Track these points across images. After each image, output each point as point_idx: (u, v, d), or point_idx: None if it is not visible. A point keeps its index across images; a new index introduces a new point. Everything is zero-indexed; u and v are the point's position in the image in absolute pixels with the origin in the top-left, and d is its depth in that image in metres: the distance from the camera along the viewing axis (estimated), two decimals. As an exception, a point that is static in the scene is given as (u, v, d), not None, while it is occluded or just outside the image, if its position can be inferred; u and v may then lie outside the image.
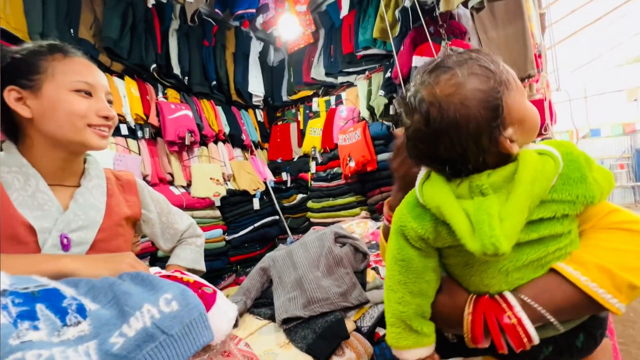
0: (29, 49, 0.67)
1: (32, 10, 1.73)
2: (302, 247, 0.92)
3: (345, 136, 2.61)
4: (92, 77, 0.69)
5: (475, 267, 0.53)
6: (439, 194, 0.50)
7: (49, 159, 0.68)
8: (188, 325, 0.40)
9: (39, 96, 0.64)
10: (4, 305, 0.32)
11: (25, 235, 0.61)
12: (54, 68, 0.65)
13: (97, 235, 0.70)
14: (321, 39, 3.03)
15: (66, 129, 0.65)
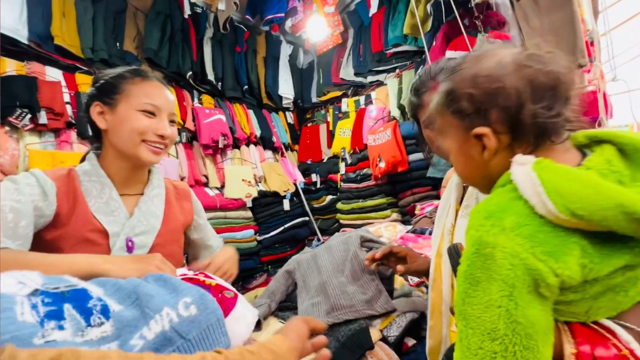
0: (117, 72, 0.78)
1: (84, 27, 1.90)
2: (326, 251, 0.90)
3: (375, 136, 2.55)
4: (159, 100, 0.77)
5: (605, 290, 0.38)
6: (610, 188, 0.34)
7: (117, 168, 0.78)
8: (205, 331, 0.40)
9: (114, 112, 0.75)
10: (34, 304, 0.34)
11: (98, 238, 0.70)
12: (130, 90, 0.75)
13: (156, 239, 0.78)
14: (350, 38, 3.00)
15: (127, 143, 0.75)
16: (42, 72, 1.77)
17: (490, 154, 0.44)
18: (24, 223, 0.61)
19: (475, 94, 0.43)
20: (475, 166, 0.47)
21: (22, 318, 0.31)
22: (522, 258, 0.35)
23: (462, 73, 0.45)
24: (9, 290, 0.35)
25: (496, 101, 0.41)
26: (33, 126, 1.68)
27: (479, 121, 0.43)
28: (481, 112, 0.43)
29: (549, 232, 0.36)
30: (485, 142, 0.43)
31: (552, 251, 0.35)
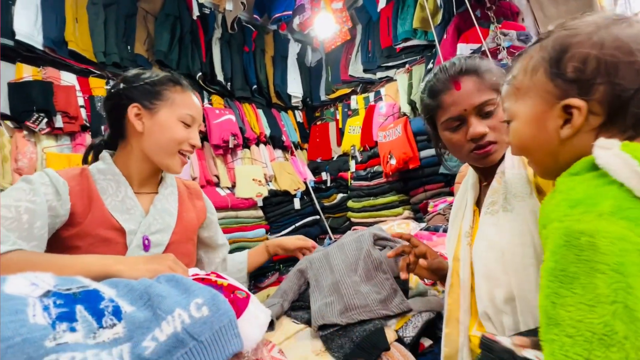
0: (159, 76, 0.80)
1: (96, 32, 1.93)
2: (339, 250, 0.89)
3: (385, 133, 2.52)
4: (195, 111, 0.81)
5: None
6: None
7: (139, 169, 0.79)
8: (217, 332, 0.40)
9: (154, 117, 0.76)
10: (45, 306, 0.34)
11: (115, 236, 0.71)
12: (173, 99, 0.78)
13: (171, 238, 0.79)
14: (358, 35, 2.97)
15: (162, 150, 0.77)
16: (57, 76, 1.81)
17: (571, 132, 0.38)
18: (39, 224, 0.61)
19: (594, 60, 0.36)
20: (543, 140, 0.41)
21: (34, 320, 0.31)
22: (635, 242, 0.29)
23: (584, 33, 0.38)
24: (22, 292, 0.34)
25: (613, 77, 0.35)
26: (49, 130, 1.72)
27: (577, 92, 0.37)
28: (587, 83, 0.37)
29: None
30: (574, 117, 0.38)
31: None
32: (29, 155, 1.62)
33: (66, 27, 1.83)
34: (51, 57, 1.82)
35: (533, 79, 0.41)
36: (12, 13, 1.67)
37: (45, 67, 1.80)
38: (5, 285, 0.34)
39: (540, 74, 0.40)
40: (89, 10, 1.92)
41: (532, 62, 0.42)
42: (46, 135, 1.73)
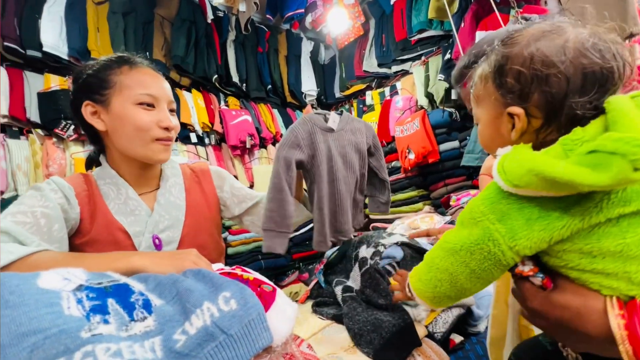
0: (100, 63, 0.70)
1: (116, 41, 2.00)
2: (341, 157, 0.97)
3: (402, 127, 2.47)
4: (155, 88, 0.69)
5: (610, 259, 0.37)
6: (528, 158, 0.38)
7: (128, 167, 0.73)
8: (247, 326, 0.39)
9: (109, 110, 0.67)
10: (79, 299, 0.34)
11: (123, 240, 0.68)
12: (121, 82, 0.67)
13: (183, 232, 0.74)
14: (371, 29, 2.92)
15: (135, 144, 0.68)
16: (81, 85, 1.88)
17: (516, 135, 0.45)
18: (56, 226, 0.61)
19: (525, 74, 0.42)
20: (501, 141, 0.48)
21: (68, 312, 0.31)
22: (482, 212, 0.42)
23: (519, 47, 0.43)
24: (55, 286, 0.35)
25: (543, 86, 0.41)
26: (76, 136, 1.79)
27: (517, 100, 0.43)
28: (523, 92, 0.43)
29: (510, 203, 0.41)
30: (516, 122, 0.44)
31: (501, 218, 0.41)
32: (58, 161, 1.69)
33: (88, 36, 1.90)
34: (76, 66, 1.89)
35: (485, 87, 0.48)
36: (39, 26, 1.75)
37: (71, 76, 1.87)
38: (39, 280, 0.35)
39: (490, 84, 0.47)
40: (109, 19, 1.99)
41: (484, 72, 0.48)
42: (73, 141, 1.80)
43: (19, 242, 0.52)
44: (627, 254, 0.36)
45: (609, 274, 0.38)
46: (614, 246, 0.37)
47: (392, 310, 0.64)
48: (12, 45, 1.68)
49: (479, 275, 0.44)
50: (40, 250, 0.50)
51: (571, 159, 0.35)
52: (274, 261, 2.25)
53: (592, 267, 0.39)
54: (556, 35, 0.41)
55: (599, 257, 0.38)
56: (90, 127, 0.70)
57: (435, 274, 0.48)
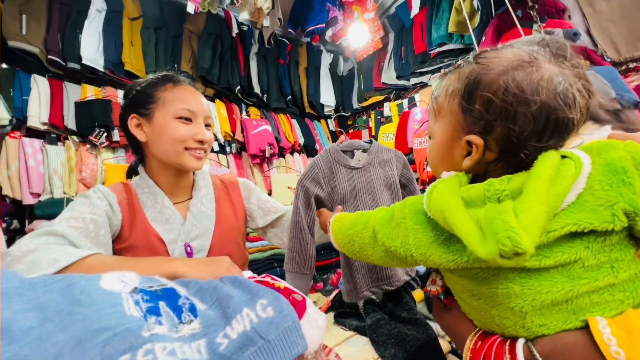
0: (148, 80, 0.77)
1: (148, 54, 2.11)
2: (368, 189, 0.88)
3: (421, 139, 2.47)
4: (194, 104, 0.75)
5: (483, 300, 0.42)
6: (446, 197, 0.40)
7: (164, 177, 0.78)
8: (283, 333, 0.41)
9: (151, 123, 0.74)
10: (136, 301, 0.37)
11: (159, 247, 0.72)
12: (164, 98, 0.74)
13: (212, 240, 0.78)
14: (391, 42, 2.96)
15: (169, 153, 0.74)
16: (114, 95, 1.99)
17: (469, 164, 0.44)
18: (102, 232, 0.66)
19: (496, 105, 0.39)
20: (449, 164, 0.47)
21: (129, 312, 0.35)
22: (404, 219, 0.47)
23: (495, 73, 0.40)
24: (115, 288, 0.38)
25: (509, 123, 0.39)
26: (108, 143, 1.89)
27: (479, 129, 0.41)
28: (488, 123, 0.40)
29: (428, 219, 0.44)
30: (473, 151, 0.43)
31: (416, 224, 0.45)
32: (91, 167, 1.79)
33: (123, 50, 2.02)
34: (110, 77, 2.01)
35: (450, 105, 0.45)
36: (79, 41, 1.88)
37: (105, 87, 1.99)
38: (101, 282, 0.38)
39: (455, 104, 0.44)
40: (142, 34, 2.11)
41: (451, 87, 0.45)
42: (105, 148, 1.90)
43: (73, 245, 0.57)
44: (495, 300, 0.40)
45: (480, 311, 0.43)
46: (487, 292, 0.41)
47: (416, 324, 0.65)
48: (54, 58, 1.81)
49: (385, 257, 0.50)
50: (94, 254, 0.54)
51: (480, 211, 0.37)
52: (289, 269, 2.27)
53: (470, 302, 0.45)
54: (533, 69, 0.39)
55: (476, 296, 0.43)
56: (134, 138, 0.76)
57: (353, 235, 0.56)
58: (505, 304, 0.39)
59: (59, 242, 0.56)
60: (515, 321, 0.39)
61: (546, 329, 0.38)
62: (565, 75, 0.39)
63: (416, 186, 0.97)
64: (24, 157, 1.65)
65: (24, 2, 1.76)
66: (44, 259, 0.49)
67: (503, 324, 0.41)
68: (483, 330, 0.45)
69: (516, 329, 0.40)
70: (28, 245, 0.52)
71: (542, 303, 0.37)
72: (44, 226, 0.58)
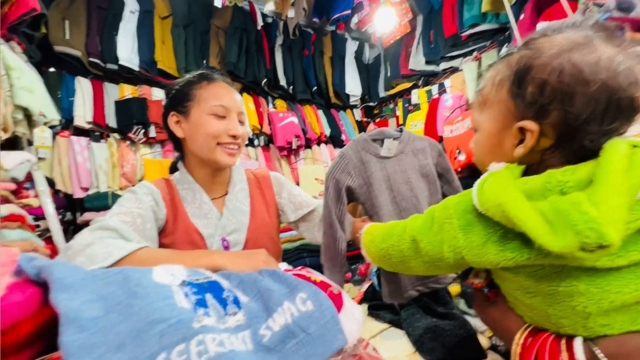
0: (186, 79, 0.80)
1: (178, 51, 2.18)
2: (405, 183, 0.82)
3: (452, 127, 2.37)
4: (227, 100, 0.77)
5: (540, 298, 0.39)
6: (503, 190, 0.37)
7: (201, 172, 0.81)
8: (323, 327, 0.42)
9: (188, 120, 0.76)
10: (186, 293, 0.39)
11: (198, 240, 0.75)
12: (200, 95, 0.76)
13: (247, 235, 0.80)
14: (419, 26, 2.84)
15: (203, 148, 0.76)
16: (149, 93, 2.08)
17: (523, 152, 0.41)
18: (149, 225, 0.70)
19: (550, 87, 0.37)
20: (499, 155, 0.44)
21: (180, 305, 0.37)
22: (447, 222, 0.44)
23: (547, 55, 0.38)
24: (165, 281, 0.41)
25: (566, 105, 0.37)
26: (145, 139, 1.99)
27: (532, 114, 0.39)
28: (542, 107, 0.38)
29: (478, 217, 0.41)
30: (527, 138, 0.40)
31: (464, 227, 0.42)
32: (131, 162, 1.90)
33: (155, 49, 2.10)
34: (144, 76, 2.10)
35: (498, 94, 0.43)
36: (116, 42, 1.97)
37: (141, 85, 2.08)
38: (153, 275, 0.41)
39: (504, 92, 0.42)
40: (172, 32, 2.18)
41: (498, 76, 0.43)
42: (143, 144, 2.00)
43: (125, 238, 0.61)
44: (555, 298, 0.38)
45: (533, 308, 0.41)
46: (547, 289, 0.38)
47: (453, 318, 0.63)
48: (95, 60, 1.92)
49: (429, 266, 0.47)
50: (143, 247, 0.57)
51: (543, 204, 0.34)
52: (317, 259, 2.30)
53: (523, 300, 0.42)
54: (589, 50, 0.36)
55: (532, 294, 0.40)
56: (174, 135, 0.80)
57: (388, 249, 0.52)
58: (567, 303, 0.37)
59: (112, 235, 0.60)
60: (575, 321, 0.37)
61: (609, 329, 0.36)
62: (626, 55, 0.36)
63: (454, 175, 0.90)
64: (73, 154, 1.78)
65: (65, 8, 1.87)
66: (100, 253, 0.53)
67: (560, 322, 0.39)
68: (533, 326, 0.43)
69: (575, 328, 0.38)
70: (86, 239, 0.56)
71: (610, 304, 0.35)
72: (98, 221, 0.62)
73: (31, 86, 1.29)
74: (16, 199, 1.19)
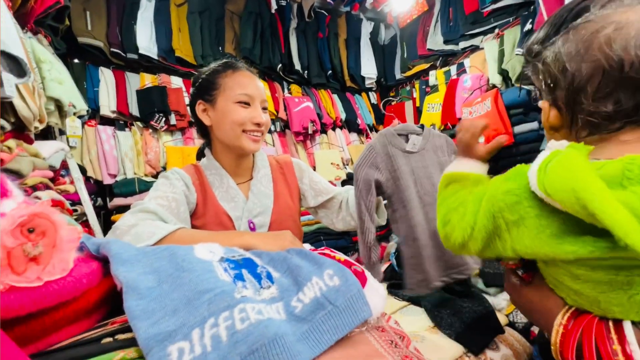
0: (211, 68, 0.83)
1: (195, 39, 2.20)
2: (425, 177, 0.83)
3: (471, 109, 2.31)
4: (251, 89, 0.80)
5: (591, 284, 0.38)
6: (579, 173, 0.32)
7: (228, 159, 0.85)
8: (350, 300, 0.45)
9: (215, 108, 0.80)
10: (225, 268, 0.43)
11: (227, 222, 0.80)
12: (225, 84, 0.79)
13: (272, 218, 0.84)
14: (437, 3, 2.73)
15: (229, 135, 0.80)
16: (168, 81, 2.13)
17: (548, 127, 0.45)
18: (182, 209, 0.75)
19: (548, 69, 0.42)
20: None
21: (222, 278, 0.41)
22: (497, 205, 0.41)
23: (601, 33, 0.38)
24: (206, 257, 0.45)
25: (561, 82, 0.41)
26: (166, 127, 2.05)
27: (546, 94, 0.44)
28: (550, 87, 0.43)
29: (531, 207, 0.37)
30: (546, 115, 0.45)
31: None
32: (154, 149, 1.97)
33: (173, 37, 2.12)
34: (163, 64, 2.14)
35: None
36: (135, 31, 2.01)
37: (160, 74, 2.13)
38: (195, 252, 0.45)
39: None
40: (188, 19, 2.19)
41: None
42: (165, 131, 2.07)
43: (163, 220, 0.66)
44: (611, 286, 0.37)
45: (581, 294, 0.40)
46: (603, 278, 0.37)
47: (471, 296, 0.66)
48: (116, 50, 1.97)
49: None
50: (180, 227, 0.62)
51: (629, 196, 0.31)
52: (334, 242, 2.36)
53: (571, 285, 0.41)
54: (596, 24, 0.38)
55: (583, 281, 0.39)
56: (201, 123, 0.84)
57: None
58: (623, 291, 0.36)
59: (152, 217, 0.65)
60: (627, 308, 0.36)
61: None
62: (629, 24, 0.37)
63: None
64: (100, 143, 1.86)
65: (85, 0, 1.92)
66: (144, 232, 0.58)
67: (610, 309, 0.38)
68: (575, 307, 0.42)
69: (627, 314, 0.37)
70: (130, 221, 0.62)
71: None
72: (138, 204, 0.68)
73: (61, 78, 1.35)
74: (54, 185, 1.28)
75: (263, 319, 0.38)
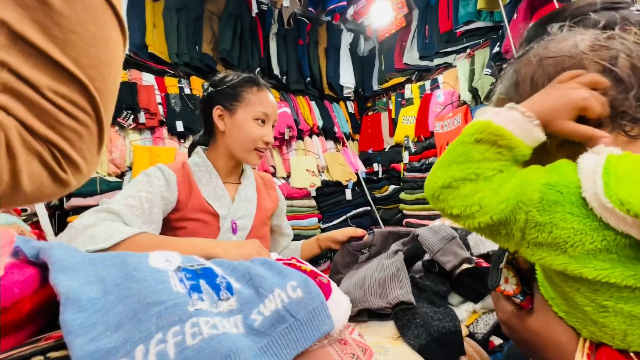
0: (238, 80, 0.87)
1: (170, 36, 2.13)
2: (378, 270, 0.77)
3: (442, 123, 2.41)
4: (269, 109, 0.87)
5: (621, 319, 0.34)
6: None
7: (225, 163, 0.90)
8: (312, 312, 0.44)
9: (233, 118, 0.85)
10: (180, 278, 0.41)
11: (210, 219, 0.83)
12: (249, 99, 0.85)
13: (253, 222, 0.88)
14: (414, 20, 2.84)
15: (241, 148, 0.86)
16: (139, 77, 2.04)
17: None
18: (156, 210, 0.74)
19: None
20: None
21: (176, 289, 0.38)
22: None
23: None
24: (161, 266, 0.42)
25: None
26: (135, 125, 1.96)
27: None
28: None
29: (571, 213, 0.31)
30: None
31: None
32: (120, 148, 1.87)
33: (146, 32, 2.04)
34: (134, 60, 2.05)
35: None
36: (105, 23, 1.91)
37: (130, 70, 2.04)
38: (149, 260, 0.42)
39: None
40: (164, 15, 2.12)
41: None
42: (132, 130, 1.97)
43: (124, 223, 0.63)
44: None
45: (605, 327, 0.34)
46: (638, 311, 0.32)
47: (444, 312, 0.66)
48: (83, 41, 1.86)
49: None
50: (141, 232, 0.59)
51: None
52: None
53: (592, 317, 0.34)
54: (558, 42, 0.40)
55: (611, 314, 0.33)
56: (209, 125, 0.89)
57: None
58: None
59: (114, 219, 0.63)
60: None
61: None
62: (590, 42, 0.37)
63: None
64: (59, 138, 1.74)
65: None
66: (100, 234, 0.55)
67: (636, 341, 0.33)
68: (589, 339, 0.37)
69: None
70: (88, 221, 0.59)
71: None
72: (105, 202, 0.66)
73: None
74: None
75: (217, 333, 0.36)
